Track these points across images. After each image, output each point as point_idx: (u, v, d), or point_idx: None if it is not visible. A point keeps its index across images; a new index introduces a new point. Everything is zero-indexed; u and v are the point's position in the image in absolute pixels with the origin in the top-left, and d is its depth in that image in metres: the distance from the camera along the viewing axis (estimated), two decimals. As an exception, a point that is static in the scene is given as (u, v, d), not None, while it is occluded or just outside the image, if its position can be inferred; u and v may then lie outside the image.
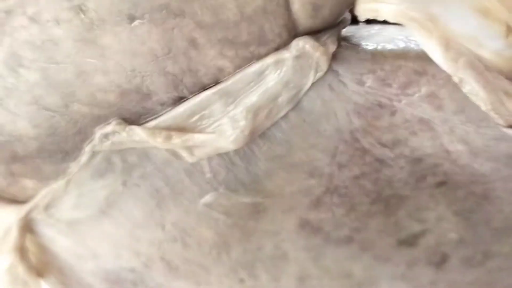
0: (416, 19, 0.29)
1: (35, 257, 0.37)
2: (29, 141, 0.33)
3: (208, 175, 0.34)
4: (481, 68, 0.29)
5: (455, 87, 0.30)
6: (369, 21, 0.32)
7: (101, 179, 0.34)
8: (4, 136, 0.34)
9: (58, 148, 0.34)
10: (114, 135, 0.33)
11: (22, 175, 0.35)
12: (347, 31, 0.33)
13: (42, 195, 0.35)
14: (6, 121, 0.33)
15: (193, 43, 0.30)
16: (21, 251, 0.36)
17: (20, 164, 0.35)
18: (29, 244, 0.37)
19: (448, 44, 0.29)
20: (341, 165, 0.34)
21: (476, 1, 0.29)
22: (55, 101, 0.32)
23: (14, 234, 0.36)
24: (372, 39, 0.32)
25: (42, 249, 0.37)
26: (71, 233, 0.36)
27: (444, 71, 0.30)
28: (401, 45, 0.32)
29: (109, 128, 0.32)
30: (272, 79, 0.31)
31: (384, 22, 0.31)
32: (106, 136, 0.33)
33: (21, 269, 0.37)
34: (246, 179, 0.34)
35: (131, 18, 0.30)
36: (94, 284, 0.38)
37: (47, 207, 0.35)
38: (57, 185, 0.35)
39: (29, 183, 0.35)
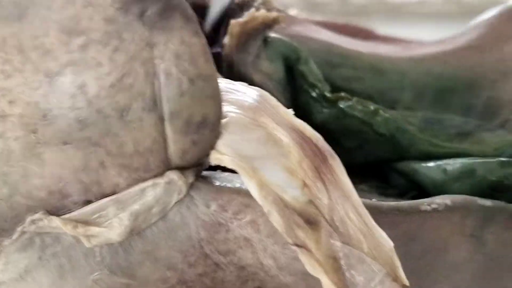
0: (244, 167, 0.43)
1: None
2: (-23, 218, 0.47)
3: (98, 258, 0.46)
4: (281, 205, 0.43)
5: (269, 217, 0.46)
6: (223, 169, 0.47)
7: (24, 252, 0.47)
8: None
9: (-2, 226, 0.48)
10: (39, 221, 0.46)
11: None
12: (206, 173, 0.48)
13: (-22, 261, 0.48)
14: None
15: (102, 164, 0.45)
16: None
17: (-34, 234, 0.48)
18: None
19: (262, 186, 0.42)
20: (190, 264, 0.47)
21: (285, 162, 0.45)
22: (4, 192, 0.45)
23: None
24: (219, 179, 0.48)
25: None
26: (-7, 292, 0.49)
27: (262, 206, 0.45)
28: (237, 185, 0.46)
29: (36, 216, 0.46)
30: (150, 195, 0.44)
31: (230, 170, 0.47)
32: (33, 221, 0.46)
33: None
34: (124, 265, 0.47)
35: (65, 143, 0.45)
36: None
37: (-20, 271, 0.48)
38: (-9, 254, 0.48)
39: (-30, 250, 0.48)
